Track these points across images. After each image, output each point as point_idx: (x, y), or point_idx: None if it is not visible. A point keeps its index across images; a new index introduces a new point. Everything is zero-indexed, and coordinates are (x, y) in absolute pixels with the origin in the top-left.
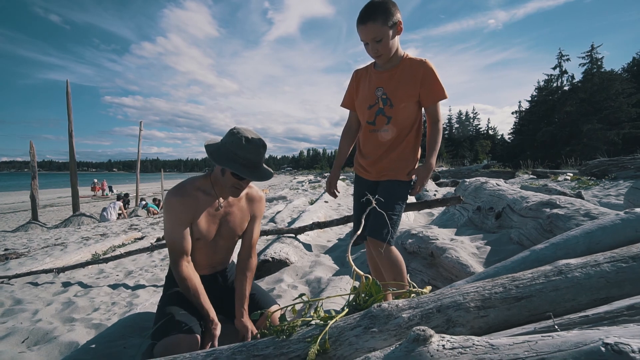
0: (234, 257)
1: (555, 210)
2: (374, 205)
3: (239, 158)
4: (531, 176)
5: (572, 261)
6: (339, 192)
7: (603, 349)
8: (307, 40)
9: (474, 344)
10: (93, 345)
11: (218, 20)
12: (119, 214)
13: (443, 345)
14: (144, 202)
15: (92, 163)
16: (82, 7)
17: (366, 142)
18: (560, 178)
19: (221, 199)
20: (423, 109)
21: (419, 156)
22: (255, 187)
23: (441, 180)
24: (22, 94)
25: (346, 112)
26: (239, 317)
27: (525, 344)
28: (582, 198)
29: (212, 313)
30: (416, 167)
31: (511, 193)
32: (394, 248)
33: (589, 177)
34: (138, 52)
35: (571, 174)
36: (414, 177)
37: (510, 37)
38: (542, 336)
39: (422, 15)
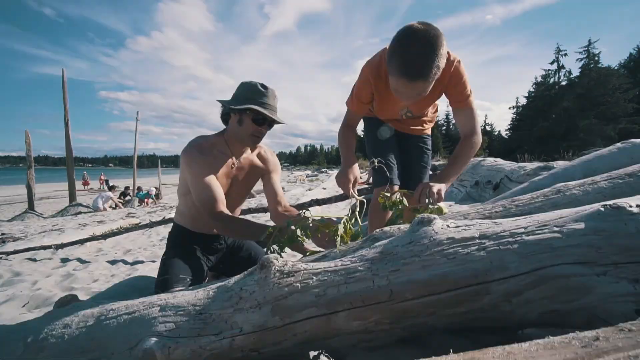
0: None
1: (552, 172)
2: (377, 165)
3: (258, 101)
4: None
5: (571, 183)
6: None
7: (602, 208)
8: (304, 35)
9: (478, 222)
10: (95, 303)
11: (214, 15)
12: (115, 205)
13: (447, 225)
14: (154, 190)
15: (87, 158)
16: (76, 0)
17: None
18: None
19: (234, 159)
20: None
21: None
22: (265, 148)
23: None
24: (16, 88)
25: (343, 108)
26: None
27: (526, 219)
28: None
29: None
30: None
31: (509, 166)
32: None
33: None
34: (133, 46)
35: None
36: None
37: (507, 33)
38: (544, 213)
39: (418, 11)
